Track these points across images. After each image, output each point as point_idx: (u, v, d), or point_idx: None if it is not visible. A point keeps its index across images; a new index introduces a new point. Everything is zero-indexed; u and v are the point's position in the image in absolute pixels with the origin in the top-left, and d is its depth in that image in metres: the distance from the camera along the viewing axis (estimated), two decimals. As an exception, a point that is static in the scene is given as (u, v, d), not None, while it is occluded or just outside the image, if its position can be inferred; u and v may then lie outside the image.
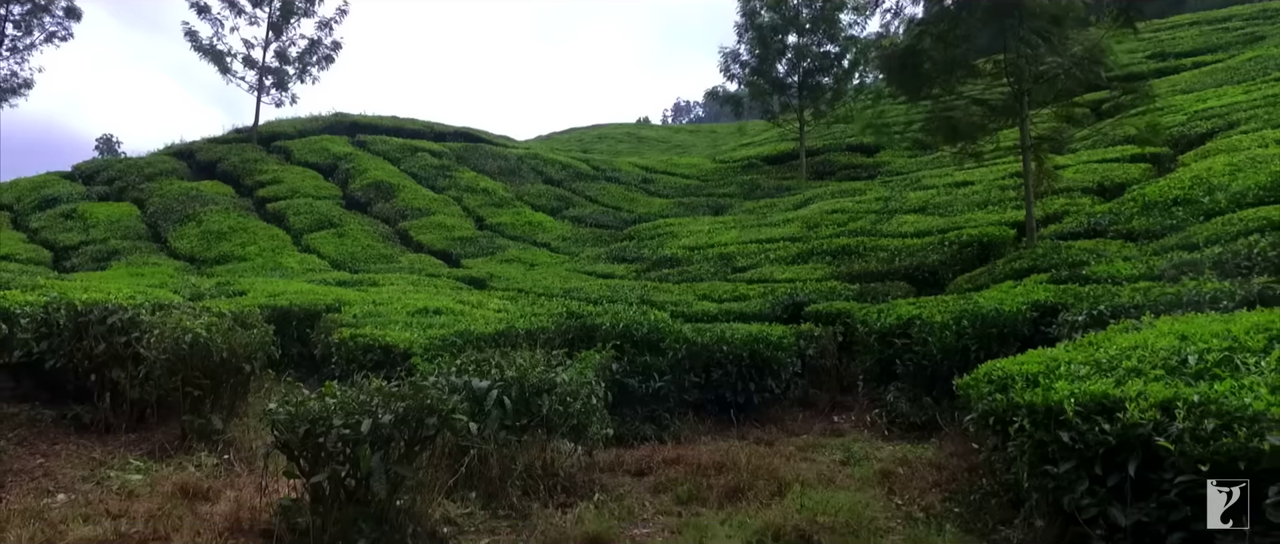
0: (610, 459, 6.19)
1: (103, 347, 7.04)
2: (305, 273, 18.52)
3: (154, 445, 6.76)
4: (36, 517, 4.90)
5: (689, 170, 32.55)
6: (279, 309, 10.39)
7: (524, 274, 18.09)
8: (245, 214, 24.32)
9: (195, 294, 13.05)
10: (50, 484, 5.77)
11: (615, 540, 4.41)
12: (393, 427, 4.19)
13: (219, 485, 5.46)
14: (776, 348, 8.32)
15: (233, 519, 4.59)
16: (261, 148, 31.00)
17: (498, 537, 4.44)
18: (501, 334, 7.67)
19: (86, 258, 21.23)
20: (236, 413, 7.09)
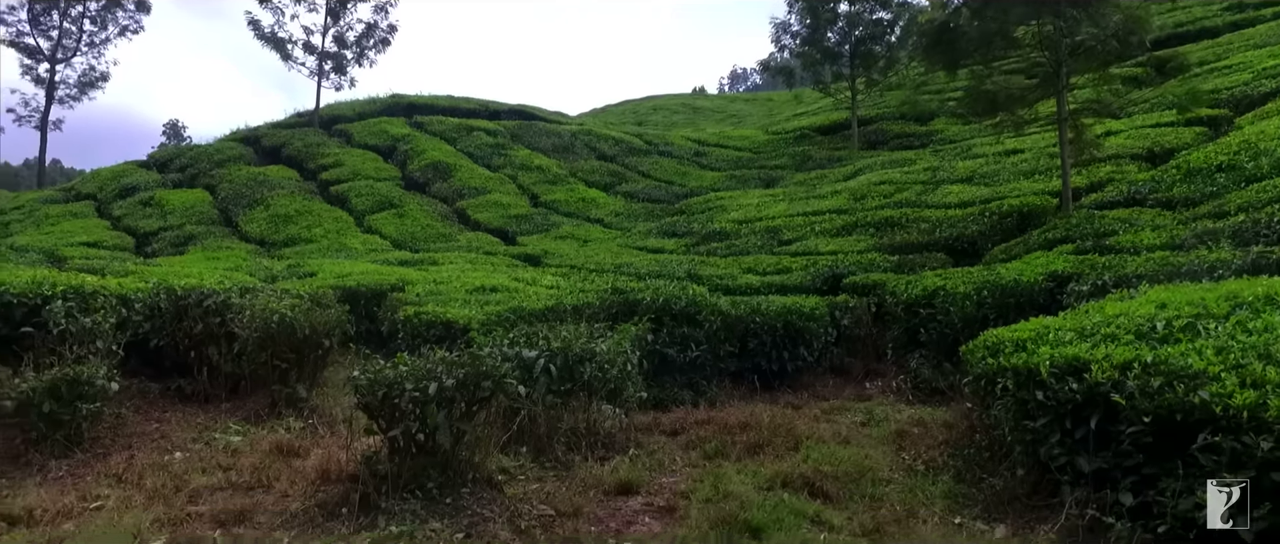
0: (648, 421, 7.00)
1: (200, 327, 8.12)
2: (368, 253, 19.73)
3: (248, 412, 7.82)
4: (163, 469, 5.95)
5: (741, 142, 32.97)
6: (348, 289, 11.44)
7: (577, 250, 18.97)
8: (310, 197, 25.73)
9: (269, 276, 14.27)
10: (167, 444, 6.84)
11: (644, 486, 5.22)
12: (454, 390, 5.05)
13: (307, 444, 6.45)
14: (809, 319, 9.00)
15: (322, 470, 5.54)
16: (322, 131, 32.50)
17: (544, 484, 5.29)
18: (551, 309, 8.52)
19: (165, 243, 22.86)
20: (317, 383, 8.12)
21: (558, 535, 4.39)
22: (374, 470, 4.95)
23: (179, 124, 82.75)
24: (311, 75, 32.83)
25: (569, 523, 4.56)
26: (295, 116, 35.48)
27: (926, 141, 25.76)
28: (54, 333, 6.68)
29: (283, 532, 4.65)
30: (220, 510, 5.04)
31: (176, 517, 4.96)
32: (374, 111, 34.25)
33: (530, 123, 34.43)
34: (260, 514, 4.98)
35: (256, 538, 4.60)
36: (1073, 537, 4.33)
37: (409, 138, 30.58)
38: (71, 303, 6.87)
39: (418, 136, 30.89)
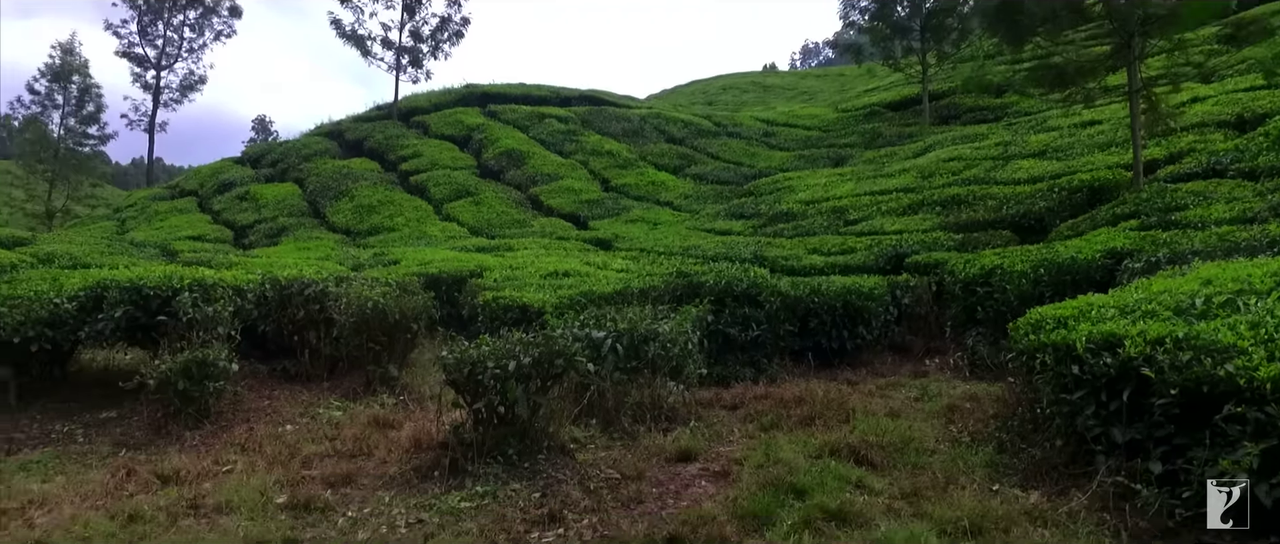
0: (710, 396, 7.49)
1: (302, 313, 8.97)
2: (447, 240, 20.68)
3: (346, 390, 8.63)
4: (278, 439, 6.75)
5: (810, 121, 32.90)
6: (430, 276, 12.24)
7: (646, 233, 19.50)
8: (391, 188, 26.94)
9: (356, 265, 15.25)
10: (279, 418, 7.68)
11: (703, 454, 5.73)
12: (531, 367, 5.64)
13: (401, 418, 7.17)
14: (868, 298, 9.32)
15: (415, 439, 6.23)
16: (401, 124, 33.80)
17: (612, 451, 5.85)
18: (619, 293, 9.06)
19: (261, 235, 24.34)
20: (407, 363, 8.87)
21: (622, 495, 4.94)
22: (460, 439, 5.59)
23: (266, 119, 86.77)
24: (389, 70, 34.16)
25: (633, 485, 5.11)
26: (375, 109, 36.94)
27: (1000, 115, 25.33)
28: (183, 321, 7.56)
29: (384, 492, 5.33)
30: (329, 474, 5.77)
31: (293, 479, 5.71)
32: (449, 102, 35.39)
33: (600, 108, 35.04)
34: (363, 477, 5.69)
35: (362, 497, 5.29)
36: (1103, 502, 4.64)
37: (483, 127, 31.56)
38: (196, 294, 7.75)
39: (491, 125, 31.84)
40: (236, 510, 5.15)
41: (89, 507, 5.41)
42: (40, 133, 39.59)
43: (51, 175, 38.43)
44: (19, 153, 43.17)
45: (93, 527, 5.00)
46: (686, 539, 4.21)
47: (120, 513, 5.23)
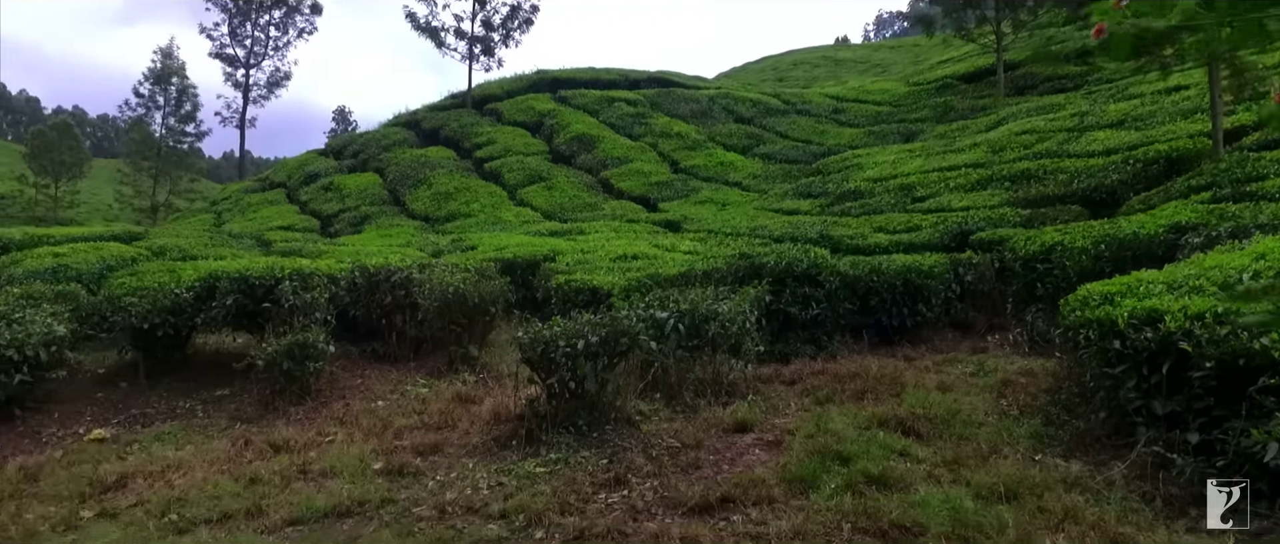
0: (769, 372, 7.88)
1: (389, 298, 9.69)
2: (521, 225, 21.42)
3: (430, 369, 9.33)
4: (372, 413, 7.45)
5: (880, 96, 32.52)
6: (506, 261, 12.89)
7: (715, 215, 19.84)
8: (466, 175, 27.88)
9: (436, 251, 16.07)
10: (371, 395, 8.41)
11: (758, 425, 6.14)
12: (598, 346, 6.14)
13: (481, 393, 7.79)
14: (928, 277, 9.52)
15: (494, 412, 6.82)
16: (475, 111, 34.80)
17: (673, 423, 6.32)
18: (683, 275, 9.50)
19: (345, 223, 25.57)
20: (485, 344, 9.52)
21: (681, 462, 5.41)
22: (535, 412, 6.14)
23: (346, 110, 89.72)
24: (463, 59, 35.20)
25: (691, 453, 5.57)
26: (449, 98, 38.08)
27: (1080, 83, 24.65)
28: (284, 307, 8.34)
29: (468, 459, 5.93)
30: (418, 444, 6.41)
31: (387, 448, 6.37)
32: (521, 89, 36.21)
33: (668, 90, 35.34)
34: (449, 447, 6.30)
35: (448, 464, 5.90)
36: (1141, 471, 4.88)
37: (554, 113, 32.25)
38: (296, 283, 8.53)
39: (562, 110, 32.50)
40: (339, 475, 5.82)
41: (216, 471, 6.18)
42: (144, 133, 42.20)
43: (155, 172, 40.95)
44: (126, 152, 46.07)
45: (221, 488, 5.74)
46: (737, 500, 4.65)
47: (242, 476, 5.97)
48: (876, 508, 4.45)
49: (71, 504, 5.75)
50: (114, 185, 46.49)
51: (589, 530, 4.42)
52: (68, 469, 6.61)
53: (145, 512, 5.52)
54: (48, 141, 43.99)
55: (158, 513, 5.47)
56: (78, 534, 5.21)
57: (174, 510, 5.47)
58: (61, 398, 8.65)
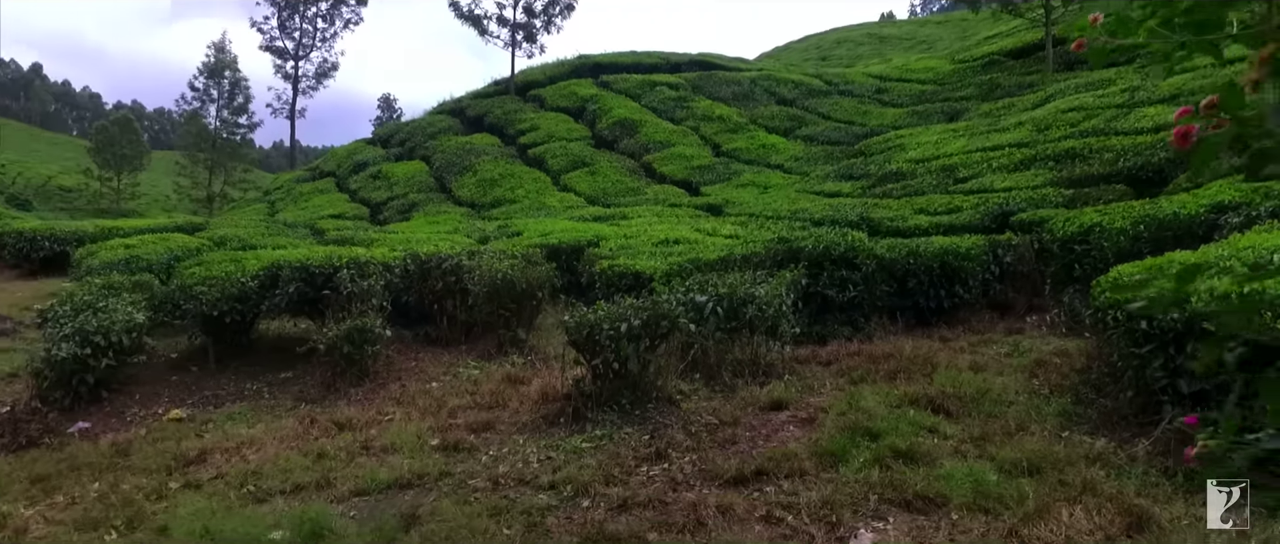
0: (806, 353, 8.15)
1: (440, 285, 10.15)
2: (565, 210, 21.83)
3: (480, 351, 9.78)
4: (427, 394, 7.91)
5: (924, 74, 32.20)
6: (551, 246, 13.29)
7: (756, 198, 20.02)
8: (511, 161, 28.39)
9: (483, 237, 16.55)
10: (425, 376, 8.87)
11: (793, 403, 6.44)
12: (640, 329, 6.48)
13: (529, 375, 8.20)
14: (965, 258, 9.67)
15: (542, 392, 7.21)
16: (518, 98, 35.28)
17: (712, 401, 6.65)
18: (723, 259, 9.78)
19: (394, 211, 26.26)
20: (533, 328, 9.93)
21: (718, 437, 5.74)
22: (581, 391, 6.52)
23: (391, 97, 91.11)
24: (505, 46, 35.67)
25: (729, 429, 5.90)
26: (492, 85, 38.62)
27: (1133, 56, 24.15)
28: (343, 294, 8.84)
29: (518, 435, 6.33)
30: (472, 422, 6.84)
31: (443, 426, 6.81)
32: (563, 74, 36.57)
33: (710, 73, 35.39)
34: (500, 424, 6.71)
35: (500, 440, 6.31)
36: (1164, 448, 5.07)
37: (596, 98, 32.56)
38: (353, 271, 9.02)
39: (604, 95, 32.80)
40: (399, 450, 6.27)
41: (286, 447, 6.68)
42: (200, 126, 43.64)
43: (210, 163, 42.33)
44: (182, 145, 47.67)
45: (292, 462, 6.23)
46: (770, 472, 4.97)
47: (310, 452, 6.46)
48: (902, 480, 4.73)
49: (160, 476, 6.30)
50: (172, 177, 48.16)
51: (632, 500, 4.78)
52: (153, 445, 7.18)
53: (225, 483, 6.03)
54: (110, 136, 45.69)
55: (237, 485, 5.97)
56: (168, 503, 5.73)
57: (251, 482, 5.97)
58: (141, 380, 9.29)
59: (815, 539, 4.23)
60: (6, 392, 9.47)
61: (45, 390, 8.34)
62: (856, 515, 4.44)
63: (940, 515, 4.40)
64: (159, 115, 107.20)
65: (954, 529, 4.24)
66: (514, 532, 4.53)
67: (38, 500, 5.99)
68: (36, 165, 53.53)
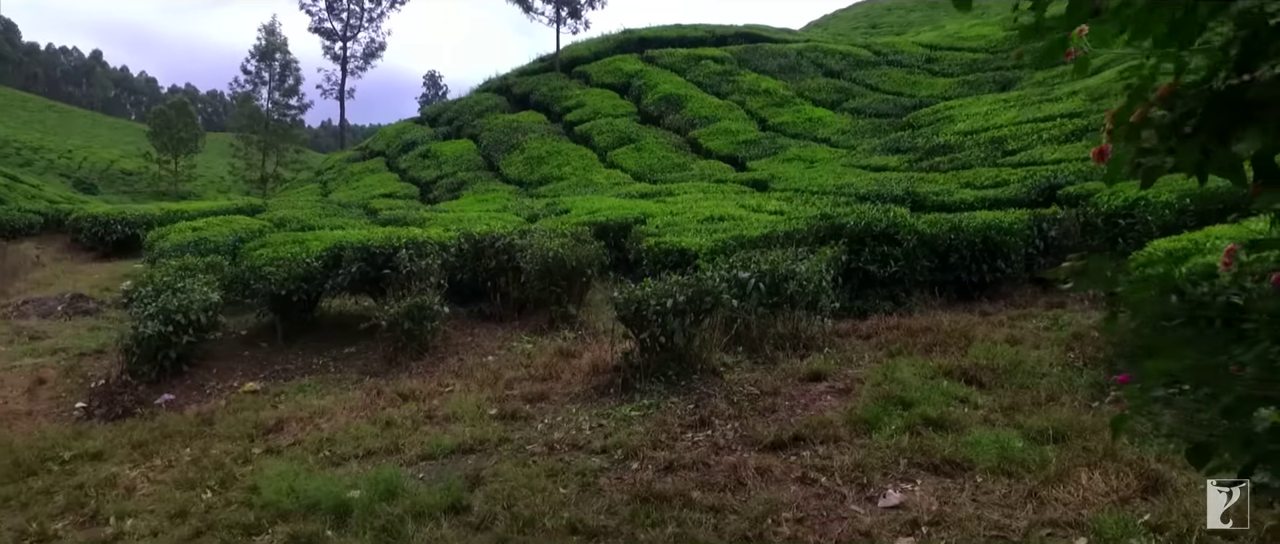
0: (847, 327, 8.48)
1: (493, 263, 10.67)
2: (612, 187, 22.26)
3: (532, 327, 10.29)
4: (483, 367, 8.44)
5: (976, 42, 31.77)
6: (599, 224, 13.74)
7: (802, 173, 20.20)
8: (557, 138, 28.88)
9: (532, 215, 17.07)
10: (481, 351, 9.42)
11: (831, 375, 6.80)
12: (685, 304, 6.90)
13: (580, 349, 8.68)
14: (1007, 233, 9.86)
15: (592, 365, 7.68)
16: (563, 75, 35.71)
17: (754, 373, 7.04)
18: (765, 236, 10.12)
19: (443, 189, 26.97)
20: (583, 303, 10.41)
21: (759, 406, 6.15)
22: (629, 364, 6.97)
23: (436, 75, 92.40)
24: (550, 22, 36.08)
25: (769, 399, 6.30)
26: (538, 61, 39.09)
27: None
28: (402, 273, 9.41)
29: (571, 405, 6.82)
30: (527, 392, 7.34)
31: (500, 396, 7.32)
32: (608, 50, 36.87)
33: (756, 45, 35.37)
34: (553, 395, 7.21)
35: (554, 409, 6.80)
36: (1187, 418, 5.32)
37: (641, 73, 32.83)
38: (411, 251, 9.59)
39: (650, 71, 33.06)
40: (461, 419, 6.80)
41: (355, 416, 7.27)
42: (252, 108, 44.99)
43: (263, 145, 43.67)
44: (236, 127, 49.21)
45: (362, 430, 6.81)
46: (807, 438, 5.37)
47: (378, 420, 7.03)
48: (931, 446, 5.09)
49: (243, 443, 6.93)
50: (227, 158, 49.80)
51: (677, 462, 5.22)
52: (234, 415, 7.84)
53: (303, 449, 6.63)
54: (167, 120, 47.37)
55: (313, 450, 6.57)
56: (253, 466, 6.34)
57: (326, 448, 6.56)
58: (216, 356, 10.02)
59: (846, 498, 4.63)
60: (96, 366, 10.30)
61: (134, 365, 9.08)
62: (886, 477, 4.82)
63: (965, 478, 4.75)
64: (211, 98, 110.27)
65: (977, 490, 4.59)
66: (570, 490, 5.01)
67: (139, 463, 6.66)
68: (100, 150, 55.75)
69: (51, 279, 16.65)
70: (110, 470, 6.47)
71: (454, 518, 4.87)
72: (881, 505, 4.53)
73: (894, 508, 4.48)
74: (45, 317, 13.30)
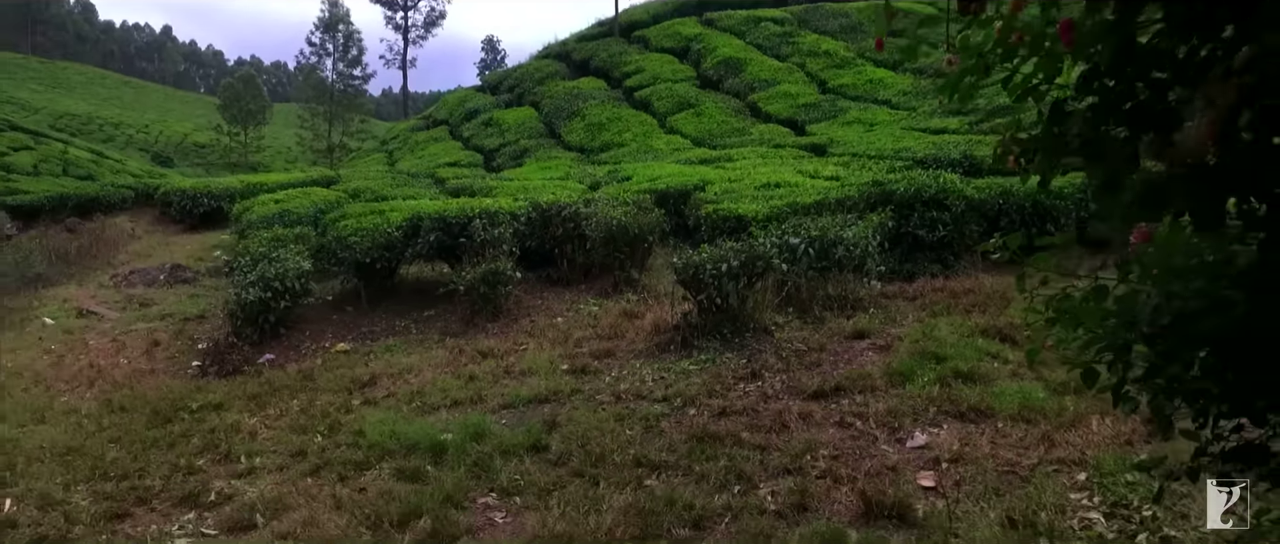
0: (894, 289, 9.10)
1: (560, 231, 11.51)
2: (672, 152, 22.88)
3: (597, 290, 11.12)
4: (553, 327, 9.32)
5: (1049, -5, 31.21)
6: (659, 192, 14.45)
7: (860, 137, 20.52)
8: (618, 105, 29.54)
9: (594, 183, 17.85)
10: (550, 313, 10.30)
11: (875, 333, 7.47)
12: (739, 268, 7.63)
13: (642, 310, 9.48)
14: (1058, 197, 10.28)
15: (654, 325, 8.48)
16: (622, 40, 36.25)
17: (802, 331, 7.75)
18: (818, 203, 10.73)
19: (506, 157, 27.95)
20: (644, 268, 11.20)
21: (805, 361, 6.88)
22: (688, 323, 7.75)
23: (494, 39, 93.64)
24: (609, -14, 36.52)
25: (815, 354, 7.02)
26: (596, 25, 39.68)
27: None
28: (477, 241, 10.32)
29: (635, 360, 7.64)
30: (594, 350, 8.19)
31: (570, 354, 8.18)
32: (667, 13, 37.23)
33: (816, 5, 35.31)
34: (619, 351, 8.04)
35: (620, 364, 7.63)
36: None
37: (701, 37, 33.17)
38: (485, 220, 10.49)
39: (709, 34, 33.38)
40: (536, 373, 7.68)
41: (440, 372, 8.23)
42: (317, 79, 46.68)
43: (329, 115, 45.37)
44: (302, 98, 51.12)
45: (448, 384, 7.74)
46: (847, 389, 6.09)
47: (461, 375, 7.96)
48: (959, 396, 5.76)
49: (343, 396, 7.94)
50: (294, 129, 51.82)
51: (729, 408, 6.00)
52: (331, 372, 8.88)
53: (396, 400, 7.61)
54: (236, 93, 49.49)
55: (406, 401, 7.54)
56: (354, 414, 7.33)
57: (417, 399, 7.52)
58: (308, 319, 11.12)
59: (878, 439, 5.35)
60: (199, 329, 11.54)
61: (238, 328, 10.21)
62: (915, 422, 5.52)
63: (987, 423, 5.42)
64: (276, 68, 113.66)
65: (996, 434, 5.26)
66: (635, 432, 5.83)
67: (255, 413, 7.73)
68: (174, 123, 58.46)
69: (149, 251, 18.17)
70: (233, 418, 7.54)
71: (535, 455, 5.74)
72: (909, 445, 5.24)
73: (920, 448, 5.19)
74: (150, 285, 14.70)
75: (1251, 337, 1.84)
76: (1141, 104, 1.81)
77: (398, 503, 5.09)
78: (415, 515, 4.93)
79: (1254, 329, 1.82)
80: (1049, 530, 4.06)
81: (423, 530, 4.77)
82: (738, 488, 4.87)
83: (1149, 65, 1.78)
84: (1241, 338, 1.87)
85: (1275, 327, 1.79)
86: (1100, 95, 1.89)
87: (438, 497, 5.12)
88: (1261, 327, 1.80)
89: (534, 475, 5.36)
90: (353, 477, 5.82)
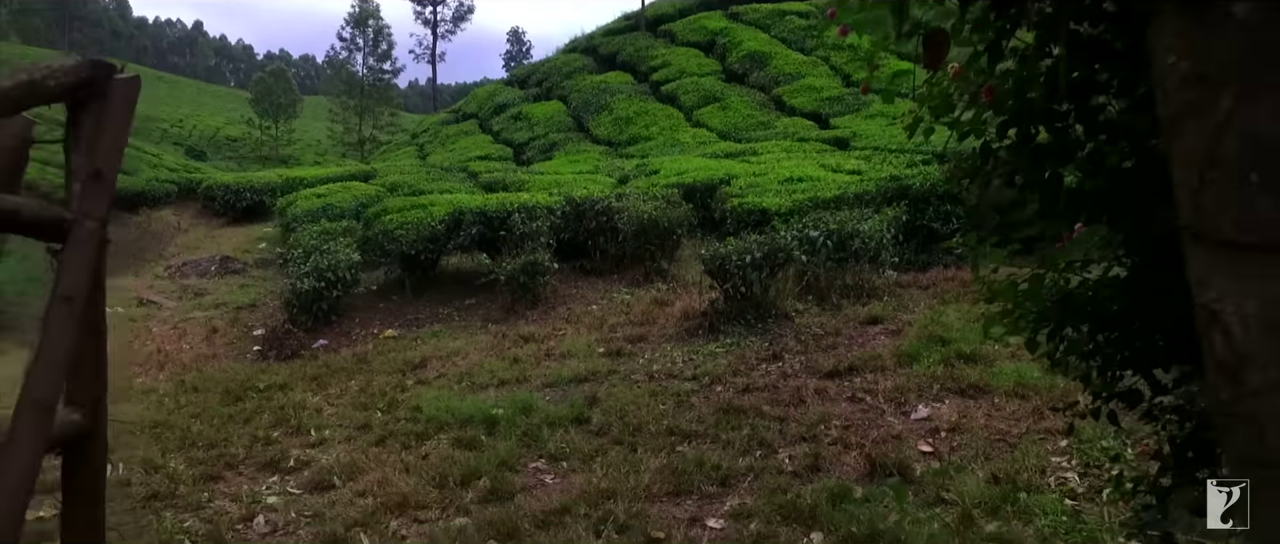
0: (909, 279, 9.74)
1: (594, 224, 12.23)
2: (698, 146, 23.50)
3: (629, 280, 11.84)
4: (589, 314, 10.06)
5: (1077, -14, 31.40)
6: (686, 186, 15.11)
7: (882, 130, 21.03)
8: (644, 99, 30.19)
9: (622, 177, 18.54)
10: (585, 301, 11.03)
11: (887, 319, 8.13)
12: (762, 259, 8.31)
13: (672, 298, 10.18)
14: (1069, 190, 10.83)
15: (683, 312, 9.19)
16: (649, 34, 36.86)
17: (821, 317, 8.43)
18: (838, 198, 11.37)
19: (536, 151, 28.70)
20: (673, 259, 11.90)
21: (822, 344, 7.56)
22: (715, 310, 8.46)
23: (520, 31, 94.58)
24: (634, -21, 37.13)
25: (831, 338, 7.70)
26: (623, 19, 40.31)
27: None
28: (515, 234, 11.07)
29: (665, 344, 8.35)
30: (627, 335, 8.91)
31: (605, 338, 8.91)
32: (692, 7, 37.74)
33: (843, -4, 35.65)
34: (651, 336, 8.75)
35: (652, 347, 8.35)
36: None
37: (726, 31, 33.70)
38: (523, 214, 11.23)
39: (734, 28, 33.90)
40: (575, 356, 8.42)
41: (486, 355, 8.99)
42: (347, 73, 47.73)
43: (360, 109, 46.44)
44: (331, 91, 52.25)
45: (493, 365, 8.50)
46: (859, 368, 6.77)
47: (506, 357, 8.72)
48: (960, 375, 6.41)
49: (397, 376, 8.73)
50: (324, 123, 53.00)
51: (752, 385, 6.71)
52: (383, 356, 9.68)
53: (447, 380, 8.38)
54: (267, 87, 50.68)
55: (456, 381, 8.30)
56: (409, 393, 8.11)
57: (466, 379, 8.28)
58: (357, 308, 11.94)
59: (885, 412, 6.03)
60: (252, 317, 12.41)
61: (293, 315, 11.05)
62: (920, 397, 6.18)
63: (985, 398, 6.08)
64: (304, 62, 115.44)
65: (992, 408, 5.91)
66: (667, 406, 6.55)
67: (318, 392, 8.54)
68: (206, 117, 59.88)
69: (196, 243, 19.15)
70: (298, 397, 8.34)
71: (578, 426, 6.48)
72: (912, 418, 5.91)
73: (922, 419, 5.86)
74: (202, 276, 15.64)
75: (1131, 318, 2.51)
76: (1040, 146, 2.46)
77: (458, 466, 5.84)
78: (475, 476, 5.67)
79: (1131, 314, 2.48)
80: (1028, 486, 4.72)
81: (483, 488, 5.51)
82: (759, 453, 5.57)
83: (1045, 118, 2.44)
84: (1127, 317, 2.53)
85: (1143, 313, 2.45)
86: (1016, 137, 2.53)
87: (494, 461, 5.87)
88: (1135, 312, 2.47)
89: (578, 443, 6.10)
90: (415, 446, 6.58)
